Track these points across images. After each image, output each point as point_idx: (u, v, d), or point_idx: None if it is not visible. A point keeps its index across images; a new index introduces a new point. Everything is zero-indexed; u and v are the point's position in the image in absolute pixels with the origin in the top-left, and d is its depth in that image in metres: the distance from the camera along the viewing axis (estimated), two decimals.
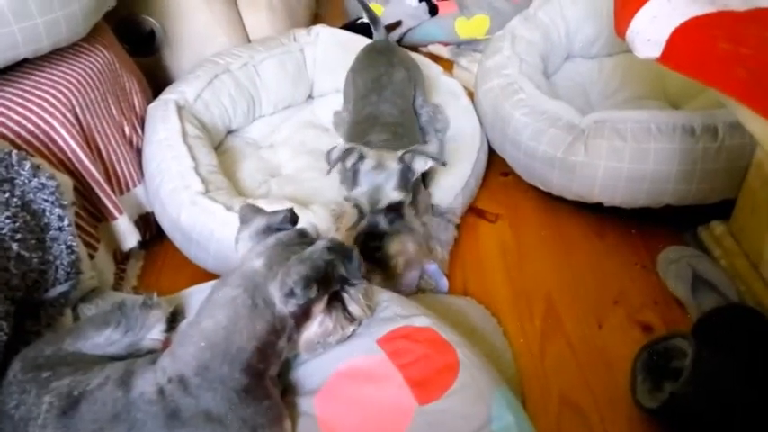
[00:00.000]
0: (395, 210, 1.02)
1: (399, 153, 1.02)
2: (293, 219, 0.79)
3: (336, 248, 0.70)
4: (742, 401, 0.81)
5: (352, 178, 1.04)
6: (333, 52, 1.52)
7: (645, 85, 1.43)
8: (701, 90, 1.30)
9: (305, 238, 0.75)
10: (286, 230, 0.76)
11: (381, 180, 1.01)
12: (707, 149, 1.05)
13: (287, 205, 1.06)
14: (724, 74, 0.80)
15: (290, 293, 0.68)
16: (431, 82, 1.45)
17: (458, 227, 1.20)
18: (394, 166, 1.02)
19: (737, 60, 0.78)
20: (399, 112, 1.23)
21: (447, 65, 1.69)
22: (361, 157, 1.03)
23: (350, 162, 1.04)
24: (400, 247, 1.00)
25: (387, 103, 1.23)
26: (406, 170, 1.02)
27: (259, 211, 0.79)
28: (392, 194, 1.01)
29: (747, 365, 0.83)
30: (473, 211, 1.29)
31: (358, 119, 1.23)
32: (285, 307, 0.69)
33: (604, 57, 1.53)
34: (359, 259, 0.72)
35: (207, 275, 1.09)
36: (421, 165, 1.04)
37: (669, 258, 1.10)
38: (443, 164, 1.06)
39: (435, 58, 1.72)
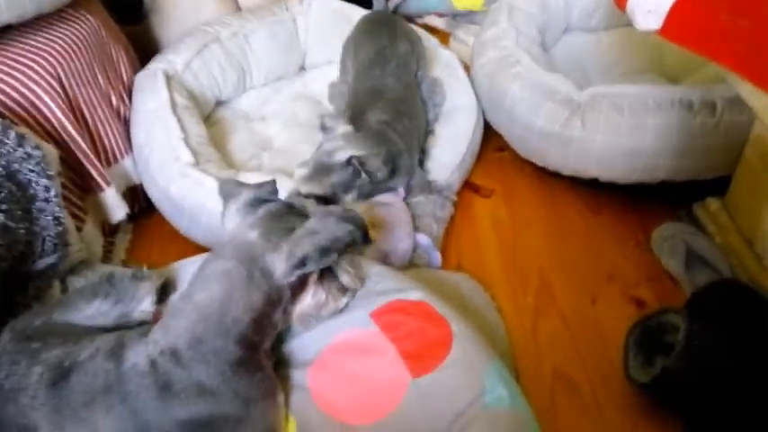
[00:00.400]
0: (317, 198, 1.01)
1: (349, 155, 1.01)
2: (275, 190, 0.78)
3: (351, 219, 0.70)
4: (734, 376, 0.81)
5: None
6: (326, 22, 1.49)
7: (643, 60, 1.41)
8: (700, 65, 1.29)
9: (293, 209, 0.75)
10: (273, 202, 0.75)
11: (320, 170, 1.01)
12: (705, 125, 1.04)
13: (281, 179, 1.05)
14: (724, 46, 0.79)
15: (300, 264, 0.67)
16: (428, 54, 1.42)
17: (454, 204, 1.19)
18: (339, 161, 1.01)
19: (737, 33, 0.77)
20: (403, 87, 1.21)
21: (443, 37, 1.66)
22: (330, 133, 1.03)
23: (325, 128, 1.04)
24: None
25: (391, 77, 1.20)
26: (355, 173, 1.01)
27: (241, 184, 0.78)
28: (304, 186, 1.01)
29: (739, 340, 0.83)
30: (468, 186, 1.28)
31: (359, 92, 1.21)
32: (285, 278, 0.69)
33: (603, 30, 1.51)
34: (365, 228, 0.72)
35: (197, 249, 1.08)
36: (374, 168, 1.03)
37: (664, 235, 1.10)
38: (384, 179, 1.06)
39: (431, 29, 1.68)
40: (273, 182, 0.78)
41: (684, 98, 1.06)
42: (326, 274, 0.75)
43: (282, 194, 0.84)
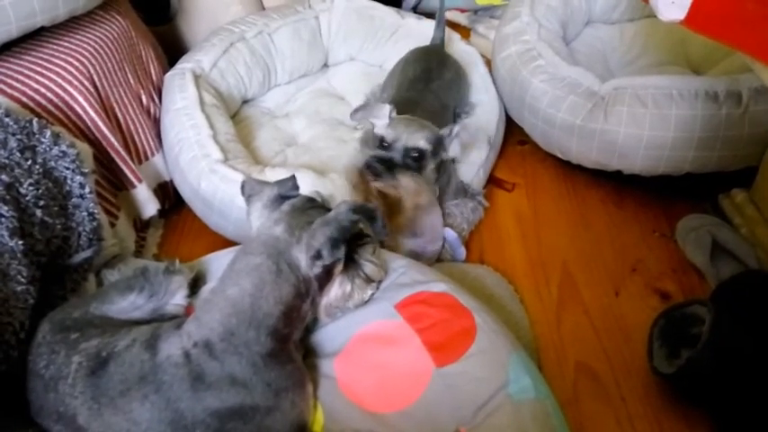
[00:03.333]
0: (415, 158, 1.01)
1: (445, 129, 1.04)
2: (296, 185, 0.80)
3: (360, 209, 0.71)
4: (759, 368, 0.81)
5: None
6: (348, 19, 1.50)
7: (667, 51, 1.40)
8: (724, 55, 1.27)
9: (315, 203, 0.77)
10: (295, 197, 0.77)
11: (413, 128, 1.01)
12: (730, 115, 1.04)
13: (307, 174, 1.07)
14: (750, 35, 0.78)
15: (317, 256, 0.69)
16: (448, 50, 1.43)
17: (486, 208, 1.20)
18: (433, 128, 1.03)
19: (764, 20, 0.77)
20: (441, 107, 1.22)
21: (464, 32, 1.67)
22: (392, 111, 1.03)
23: (381, 118, 1.04)
24: (412, 185, 1.00)
25: (431, 94, 1.21)
26: (440, 141, 1.03)
27: (263, 182, 0.80)
28: (419, 141, 1.01)
29: (765, 332, 0.83)
30: (490, 180, 1.28)
31: (398, 100, 1.21)
32: (311, 270, 0.71)
33: (625, 22, 1.50)
34: (383, 219, 0.73)
35: (226, 243, 1.10)
36: (454, 149, 1.05)
37: (689, 226, 1.10)
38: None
39: (452, 25, 1.69)
40: (293, 177, 0.80)
41: (709, 89, 1.06)
42: (351, 265, 0.77)
43: (307, 188, 0.85)
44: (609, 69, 1.43)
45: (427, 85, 1.23)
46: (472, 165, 1.21)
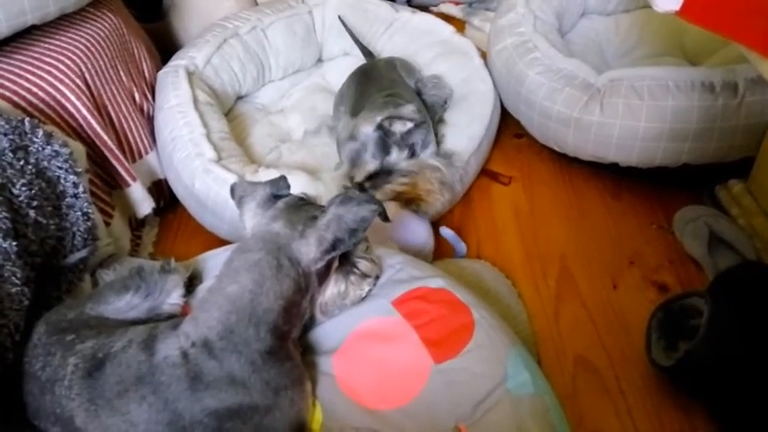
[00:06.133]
0: (376, 176, 1.06)
1: (377, 119, 1.05)
2: (288, 184, 0.81)
3: (369, 199, 0.73)
4: (758, 359, 0.81)
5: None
6: (342, 13, 1.49)
7: (662, 42, 1.39)
8: (720, 46, 1.27)
9: (306, 201, 0.78)
10: (288, 196, 0.78)
11: (358, 150, 1.06)
12: (726, 106, 1.03)
13: (300, 176, 1.07)
14: (746, 26, 0.78)
15: (332, 248, 0.71)
16: (443, 43, 1.42)
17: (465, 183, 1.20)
18: (368, 132, 1.05)
19: (760, 11, 0.76)
20: (390, 82, 1.24)
21: (459, 25, 1.66)
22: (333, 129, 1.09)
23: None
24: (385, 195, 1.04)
25: (374, 81, 1.25)
26: (383, 136, 1.06)
27: (254, 183, 0.80)
28: (368, 165, 1.05)
29: (764, 323, 0.83)
30: (486, 173, 1.28)
31: (354, 104, 1.24)
32: (314, 264, 0.71)
33: (621, 13, 1.49)
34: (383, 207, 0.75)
35: (221, 242, 1.10)
36: (400, 127, 1.06)
37: (686, 218, 1.09)
38: (422, 122, 1.10)
39: (447, 18, 1.68)
40: (284, 177, 0.81)
41: (705, 80, 1.05)
42: (344, 262, 0.77)
43: (300, 188, 0.85)
44: (605, 61, 1.42)
45: (369, 76, 1.27)
46: (462, 153, 1.19)
